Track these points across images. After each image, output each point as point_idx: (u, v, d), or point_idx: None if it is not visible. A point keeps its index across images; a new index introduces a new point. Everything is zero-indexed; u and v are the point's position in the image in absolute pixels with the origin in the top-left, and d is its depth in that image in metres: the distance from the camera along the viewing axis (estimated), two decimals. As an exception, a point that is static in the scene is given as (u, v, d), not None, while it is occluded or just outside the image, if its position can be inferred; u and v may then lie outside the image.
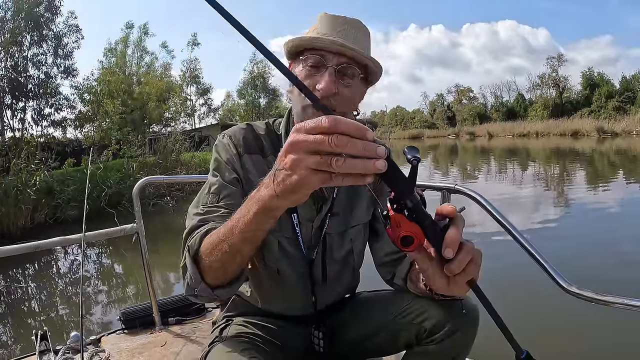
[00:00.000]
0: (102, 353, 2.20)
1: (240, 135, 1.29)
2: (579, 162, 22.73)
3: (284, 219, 1.24)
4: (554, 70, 59.40)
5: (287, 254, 1.27)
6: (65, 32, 21.75)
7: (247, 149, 1.27)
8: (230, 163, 1.24)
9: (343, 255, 1.33)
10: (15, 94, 20.23)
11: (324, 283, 1.31)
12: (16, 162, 11.88)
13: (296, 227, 1.25)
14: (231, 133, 1.31)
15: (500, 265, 5.65)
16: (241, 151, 1.26)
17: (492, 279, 5.37)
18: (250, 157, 1.26)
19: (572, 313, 3.80)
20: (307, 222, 1.27)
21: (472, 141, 52.05)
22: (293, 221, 1.25)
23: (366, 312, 1.37)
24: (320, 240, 1.29)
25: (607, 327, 3.76)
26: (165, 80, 29.16)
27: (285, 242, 1.26)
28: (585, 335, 3.95)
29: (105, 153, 17.29)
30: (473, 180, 17.30)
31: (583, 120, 47.35)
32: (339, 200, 1.31)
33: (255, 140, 1.30)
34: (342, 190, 1.31)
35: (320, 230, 1.29)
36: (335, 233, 1.30)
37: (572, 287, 1.34)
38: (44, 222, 11.74)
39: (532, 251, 1.46)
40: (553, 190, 13.79)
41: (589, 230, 8.13)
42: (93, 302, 6.02)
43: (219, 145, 1.29)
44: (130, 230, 2.44)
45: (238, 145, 1.27)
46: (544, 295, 3.56)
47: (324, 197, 1.29)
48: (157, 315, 2.51)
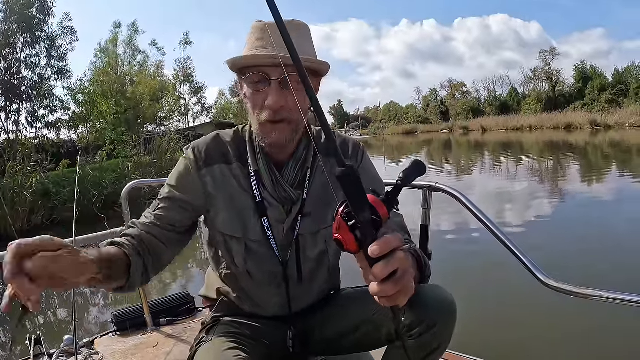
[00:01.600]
0: (96, 355, 2.23)
1: (203, 148, 1.32)
2: (573, 155, 22.80)
3: (252, 223, 1.29)
4: (547, 64, 59.47)
5: (257, 256, 1.30)
6: (59, 33, 21.66)
7: (208, 161, 1.30)
8: (184, 182, 1.29)
9: (317, 255, 1.34)
10: (9, 96, 20.13)
11: (299, 283, 1.33)
12: (12, 165, 11.85)
13: (267, 230, 1.29)
14: (195, 145, 1.34)
15: (480, 261, 5.72)
16: (201, 165, 1.29)
17: (473, 275, 5.46)
18: (211, 170, 1.29)
19: (551, 308, 3.82)
20: (277, 224, 1.30)
21: (465, 136, 52.05)
22: (263, 224, 1.29)
23: (346, 308, 1.38)
24: (293, 241, 1.31)
25: (589, 321, 3.81)
26: (158, 79, 29.03)
27: (255, 245, 1.30)
28: (563, 327, 3.97)
29: (99, 153, 17.27)
30: (467, 174, 17.34)
31: (576, 114, 47.37)
32: (310, 200, 1.32)
33: (219, 150, 1.33)
34: (313, 190, 1.33)
35: (293, 231, 1.31)
36: (307, 233, 1.32)
37: (550, 280, 1.36)
38: (41, 224, 11.73)
39: (510, 246, 1.49)
40: (546, 183, 13.85)
41: (579, 224, 8.18)
42: (85, 305, 6.01)
43: (181, 160, 1.34)
44: (120, 233, 2.44)
45: (199, 159, 1.30)
46: (523, 290, 3.61)
47: (293, 200, 1.30)
48: (148, 316, 2.54)
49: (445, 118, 67.97)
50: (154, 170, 16.98)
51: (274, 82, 1.19)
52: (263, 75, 1.20)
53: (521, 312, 4.33)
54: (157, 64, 30.30)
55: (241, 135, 1.37)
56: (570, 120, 45.53)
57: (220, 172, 1.30)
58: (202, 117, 35.81)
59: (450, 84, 71.21)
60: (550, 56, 60.10)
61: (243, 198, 1.29)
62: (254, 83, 1.22)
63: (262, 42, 1.21)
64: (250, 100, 1.25)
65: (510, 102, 62.20)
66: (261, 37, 1.22)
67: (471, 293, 4.63)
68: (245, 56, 1.22)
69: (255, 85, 1.22)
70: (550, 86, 57.92)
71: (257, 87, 1.22)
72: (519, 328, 4.06)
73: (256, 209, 1.29)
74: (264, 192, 1.29)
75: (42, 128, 21.44)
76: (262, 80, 1.21)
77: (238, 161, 1.31)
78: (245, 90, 1.26)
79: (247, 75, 1.22)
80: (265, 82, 1.20)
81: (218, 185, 1.29)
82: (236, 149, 1.33)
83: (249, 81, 1.22)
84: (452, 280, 4.47)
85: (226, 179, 1.30)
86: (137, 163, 16.91)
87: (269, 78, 1.19)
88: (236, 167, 1.31)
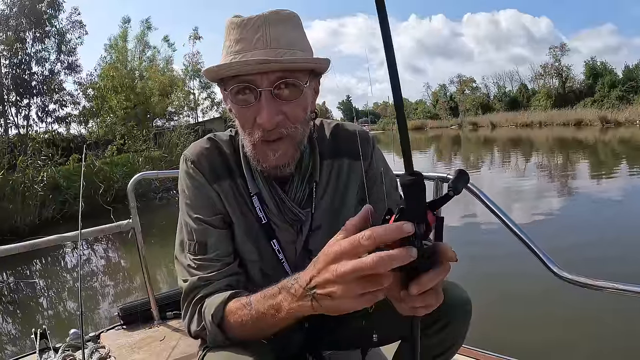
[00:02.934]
0: (102, 349, 2.23)
1: (204, 161, 1.15)
2: (583, 151, 22.62)
3: (263, 246, 1.16)
4: (557, 60, 58.78)
5: (271, 280, 1.17)
6: (68, 28, 21.83)
7: (215, 176, 1.14)
8: (204, 199, 1.13)
9: None
10: (20, 91, 20.31)
11: None
12: (22, 159, 11.92)
13: (278, 253, 1.16)
14: (194, 158, 1.15)
15: (493, 252, 5.70)
16: (211, 180, 1.14)
17: (485, 266, 5.44)
18: (219, 186, 1.14)
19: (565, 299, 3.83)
20: (289, 245, 1.18)
21: (475, 131, 51.72)
22: (273, 247, 1.16)
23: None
24: (307, 259, 1.15)
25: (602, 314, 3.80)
26: (168, 74, 29.13)
27: (269, 269, 1.17)
28: (577, 320, 3.98)
29: (109, 148, 17.36)
30: (475, 170, 17.25)
31: (586, 110, 46.80)
32: (319, 212, 1.20)
33: (222, 162, 1.16)
34: (322, 202, 1.21)
35: (306, 249, 1.18)
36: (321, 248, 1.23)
37: (564, 272, 1.34)
38: (52, 218, 11.84)
39: (523, 237, 1.47)
40: (555, 180, 13.73)
41: (590, 219, 8.12)
42: (91, 299, 6.03)
43: (186, 177, 1.15)
44: (126, 226, 2.44)
45: (204, 174, 1.14)
46: (536, 282, 3.58)
47: (302, 220, 1.17)
48: (155, 309, 2.54)
49: (454, 114, 67.56)
50: (165, 164, 17.12)
51: (264, 92, 0.99)
52: (249, 86, 1.00)
53: (534, 305, 4.33)
54: (166, 59, 30.45)
55: (237, 145, 1.19)
56: (580, 117, 45.02)
57: (230, 189, 1.15)
58: (212, 112, 35.84)
59: (460, 80, 70.64)
60: (561, 52, 59.45)
61: (251, 219, 1.15)
62: (240, 96, 1.02)
63: (244, 44, 1.00)
64: (237, 117, 1.06)
65: (519, 98, 61.63)
66: (242, 37, 1.01)
67: (480, 285, 4.62)
68: (223, 64, 1.00)
69: (242, 98, 1.02)
70: (560, 82, 57.31)
71: (244, 101, 1.02)
72: (532, 321, 4.04)
73: (264, 232, 1.15)
74: (269, 213, 1.15)
75: (52, 122, 21.65)
76: (249, 92, 1.01)
77: (241, 177, 1.16)
78: (230, 105, 1.07)
79: (230, 87, 1.02)
80: (253, 94, 1.00)
81: (230, 202, 1.14)
82: (235, 161, 1.17)
83: (232, 96, 1.03)
84: (464, 273, 4.49)
85: (235, 197, 1.15)
86: (147, 157, 16.94)
87: (257, 88, 0.99)
88: (240, 184, 1.16)
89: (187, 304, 1.09)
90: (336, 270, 0.68)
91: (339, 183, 1.23)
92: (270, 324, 0.90)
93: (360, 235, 0.66)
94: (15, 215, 10.84)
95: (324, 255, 0.73)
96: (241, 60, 0.97)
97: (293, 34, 1.04)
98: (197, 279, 1.07)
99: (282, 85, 1.00)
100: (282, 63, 0.98)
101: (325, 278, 0.71)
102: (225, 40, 1.04)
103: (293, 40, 1.04)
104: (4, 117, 20.29)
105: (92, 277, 7.39)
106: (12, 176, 11.35)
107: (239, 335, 0.99)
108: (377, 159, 1.29)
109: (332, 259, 0.70)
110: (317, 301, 0.75)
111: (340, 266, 0.68)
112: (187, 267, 1.10)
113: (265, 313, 0.89)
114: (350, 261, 0.67)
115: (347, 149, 1.24)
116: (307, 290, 0.76)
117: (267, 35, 1.00)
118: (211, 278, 1.07)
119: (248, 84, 0.99)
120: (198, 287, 1.07)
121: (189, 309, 1.08)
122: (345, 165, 1.24)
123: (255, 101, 1.00)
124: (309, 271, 0.77)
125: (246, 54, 0.99)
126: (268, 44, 0.99)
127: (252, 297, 0.94)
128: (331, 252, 0.71)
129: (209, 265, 1.09)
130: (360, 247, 0.66)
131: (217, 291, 1.05)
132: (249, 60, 0.96)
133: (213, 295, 1.05)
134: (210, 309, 1.01)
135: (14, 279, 7.28)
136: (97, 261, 8.67)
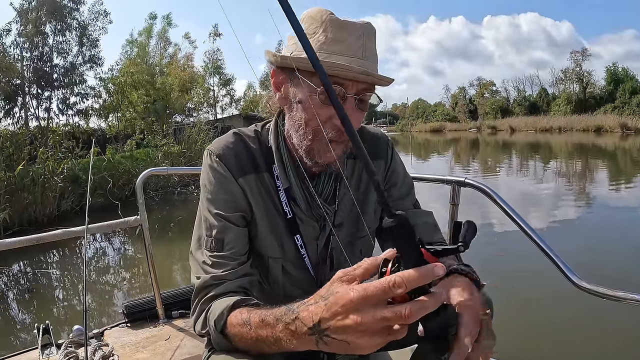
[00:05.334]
0: (106, 347, 2.19)
1: (230, 155, 1.14)
2: (602, 158, 22.32)
3: (287, 242, 1.16)
4: (578, 65, 58.16)
5: (292, 277, 1.18)
6: (89, 21, 22.13)
7: (241, 171, 1.13)
8: (227, 193, 1.12)
9: None
10: (41, 84, 20.61)
11: None
12: (43, 151, 12.06)
13: (301, 248, 1.16)
14: (220, 152, 1.14)
15: (509, 258, 5.60)
16: (236, 174, 1.13)
17: (501, 271, 5.38)
18: (244, 181, 1.13)
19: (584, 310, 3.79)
20: (312, 240, 1.18)
21: (493, 135, 51.48)
22: (297, 242, 1.16)
23: None
24: (327, 256, 1.20)
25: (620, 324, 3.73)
26: (188, 71, 29.38)
27: (290, 265, 1.17)
28: (594, 329, 3.91)
29: (128, 142, 17.51)
30: (494, 174, 17.10)
31: (606, 116, 46.37)
32: (340, 210, 1.20)
33: (247, 157, 1.16)
34: (344, 200, 1.21)
35: (327, 247, 1.19)
36: (342, 247, 1.19)
37: (583, 282, 1.32)
38: (70, 210, 11.91)
39: (542, 246, 1.44)
40: (575, 186, 13.59)
41: (609, 228, 7.96)
42: (95, 295, 6.00)
43: (209, 171, 1.14)
44: (134, 222, 2.41)
45: (230, 168, 1.12)
46: (554, 290, 3.50)
47: (327, 216, 1.17)
48: (160, 308, 2.51)
49: (473, 117, 67.24)
50: (184, 160, 17.13)
51: (351, 98, 1.03)
52: (341, 89, 1.02)
53: (553, 315, 4.24)
54: (187, 55, 30.71)
55: (263, 140, 1.21)
56: (600, 123, 44.64)
57: (255, 183, 1.14)
58: (231, 109, 36.05)
59: (480, 83, 70.28)
60: (582, 57, 58.81)
61: (275, 214, 1.15)
62: (324, 96, 1.02)
63: (343, 47, 1.02)
64: (306, 110, 1.06)
65: (539, 103, 61.15)
66: (343, 40, 1.03)
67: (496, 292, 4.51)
68: (334, 63, 1.00)
69: (325, 97, 1.02)
70: (580, 87, 56.69)
71: (326, 100, 1.02)
72: (550, 331, 3.97)
73: (288, 227, 1.16)
74: (295, 208, 1.15)
75: (73, 115, 21.93)
76: (338, 94, 1.01)
77: (267, 171, 1.16)
78: (301, 96, 1.06)
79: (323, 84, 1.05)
80: (339, 95, 1.02)
81: (255, 197, 1.13)
82: (262, 156, 1.17)
83: (321, 91, 1.02)
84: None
85: (260, 191, 1.15)
86: (166, 152, 17.05)
87: (346, 93, 1.03)
88: (266, 178, 1.15)
89: (196, 302, 1.08)
90: (361, 319, 0.65)
91: (361, 182, 1.26)
92: (271, 349, 0.87)
93: (391, 282, 0.63)
94: (34, 206, 10.95)
95: (337, 298, 0.68)
96: (346, 65, 1.00)
97: (376, 49, 1.10)
98: (210, 277, 1.06)
99: (364, 96, 1.06)
100: (377, 79, 1.04)
101: (344, 325, 0.67)
102: (317, 33, 1.04)
103: (376, 54, 1.09)
104: (25, 109, 20.61)
105: (103, 271, 7.44)
106: (32, 167, 11.48)
107: (241, 346, 0.96)
108: (396, 162, 1.32)
109: (353, 305, 0.66)
110: (325, 343, 0.71)
111: (366, 315, 0.64)
112: (202, 264, 1.09)
113: (263, 340, 0.86)
114: (379, 311, 0.64)
115: (368, 151, 1.22)
116: (314, 331, 0.72)
117: (365, 46, 1.05)
118: (224, 277, 1.06)
119: (341, 87, 1.02)
120: (210, 285, 1.06)
121: (197, 308, 1.07)
122: None
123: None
124: (314, 309, 0.73)
125: (347, 59, 1.01)
126: (365, 55, 1.05)
127: (252, 316, 0.90)
128: (350, 297, 0.66)
129: (223, 263, 1.07)
130: (389, 295, 0.63)
131: (228, 292, 1.04)
132: (354, 68, 1.00)
133: (222, 297, 1.03)
134: (214, 315, 0.99)
135: (30, 269, 7.35)
136: (111, 253, 8.72)
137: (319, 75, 0.94)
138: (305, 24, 1.06)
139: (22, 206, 10.57)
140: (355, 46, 1.03)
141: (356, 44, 1.03)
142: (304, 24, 1.06)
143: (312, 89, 1.03)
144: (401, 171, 1.32)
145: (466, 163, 22.63)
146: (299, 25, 0.67)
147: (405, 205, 1.29)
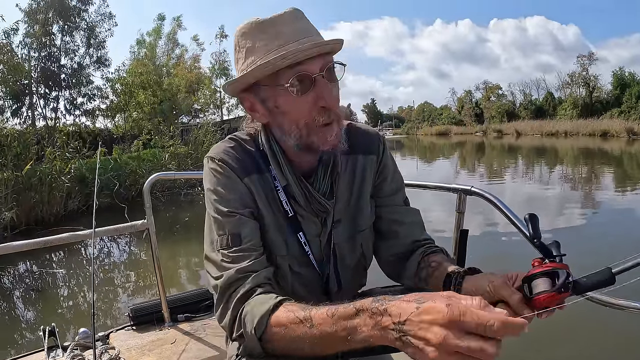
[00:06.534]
0: (112, 350, 2.19)
1: (232, 158, 1.14)
2: (609, 163, 22.20)
3: (291, 240, 1.16)
4: (584, 69, 57.86)
5: (299, 274, 1.19)
6: (97, 21, 22.21)
7: (245, 171, 1.14)
8: (236, 193, 1.11)
9: (355, 262, 1.26)
10: (49, 84, 20.70)
11: (339, 292, 1.23)
12: (51, 151, 12.12)
13: (305, 246, 1.17)
14: (221, 156, 1.14)
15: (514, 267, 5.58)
16: (240, 174, 1.13)
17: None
18: (250, 180, 1.14)
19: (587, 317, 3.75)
20: (314, 238, 1.19)
21: (499, 139, 51.25)
22: (300, 240, 1.17)
23: None
24: (330, 252, 1.21)
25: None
26: (195, 72, 29.46)
27: (295, 262, 1.18)
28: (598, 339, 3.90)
29: (135, 143, 17.55)
30: (499, 179, 17.05)
31: (613, 121, 46.04)
32: (338, 205, 1.22)
33: (248, 158, 1.16)
34: (343, 195, 1.23)
35: (329, 242, 1.21)
36: (343, 242, 1.23)
37: None
38: (77, 210, 11.97)
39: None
40: (580, 191, 13.54)
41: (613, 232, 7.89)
42: (100, 297, 5.98)
43: (214, 174, 1.13)
44: (140, 226, 2.40)
45: (234, 170, 1.12)
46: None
47: (328, 211, 1.19)
48: (166, 312, 2.51)
49: (479, 120, 67.03)
50: (191, 161, 17.06)
51: (318, 77, 1.02)
52: (306, 74, 1.02)
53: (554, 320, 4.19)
54: (194, 57, 30.81)
55: (257, 143, 1.20)
56: (606, 128, 44.30)
57: (259, 182, 1.15)
58: (237, 110, 36.08)
59: (486, 86, 70.06)
60: (589, 61, 58.52)
61: (278, 213, 1.16)
62: (298, 85, 1.03)
63: (283, 38, 1.02)
64: (290, 111, 1.06)
65: (545, 107, 60.85)
66: (278, 32, 1.03)
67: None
68: (289, 52, 0.99)
69: (298, 87, 1.03)
70: (587, 92, 56.40)
71: (300, 90, 1.03)
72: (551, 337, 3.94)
73: (291, 225, 1.16)
74: (295, 205, 1.16)
75: (80, 115, 22.01)
76: (305, 79, 1.02)
77: (267, 172, 1.16)
78: (278, 102, 1.07)
79: (289, 80, 1.02)
80: (306, 81, 1.03)
81: (260, 196, 1.14)
82: (260, 157, 1.17)
83: (293, 84, 1.02)
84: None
85: (264, 191, 1.15)
86: (173, 153, 17.06)
87: (313, 75, 1.02)
88: (268, 177, 1.16)
89: (225, 302, 1.02)
90: (445, 338, 0.64)
91: (356, 177, 1.27)
92: (336, 346, 0.84)
93: (490, 323, 0.62)
94: (41, 206, 11.00)
95: (431, 308, 0.67)
96: (293, 48, 0.99)
97: (312, 25, 1.09)
98: (234, 271, 1.02)
99: (330, 68, 1.06)
100: (329, 45, 1.03)
101: (425, 336, 0.66)
102: (252, 44, 1.06)
103: (315, 29, 1.09)
104: (32, 109, 20.71)
105: (108, 272, 7.43)
106: (39, 167, 11.54)
107: (283, 348, 0.93)
108: (387, 157, 1.33)
109: (443, 322, 0.65)
110: (403, 343, 0.70)
111: (452, 339, 0.63)
112: (221, 263, 1.05)
113: (334, 334, 0.82)
114: (467, 340, 0.63)
115: (360, 146, 1.28)
116: (398, 327, 0.71)
117: (300, 27, 1.05)
118: (249, 269, 1.03)
119: (305, 72, 1.02)
120: (237, 280, 1.02)
121: (228, 310, 1.01)
122: (360, 160, 1.28)
123: (312, 87, 1.03)
124: (406, 307, 0.71)
125: (291, 45, 1.01)
126: (304, 33, 1.04)
127: (313, 312, 0.86)
128: (449, 313, 0.65)
129: (245, 255, 1.05)
130: (482, 331, 0.62)
131: (258, 286, 1.01)
132: (305, 46, 0.99)
133: (254, 293, 1.00)
134: (253, 318, 0.94)
135: (37, 269, 7.37)
136: (118, 255, 8.73)
137: (281, 70, 1.02)
138: (241, 42, 1.08)
139: (29, 205, 10.63)
140: (292, 31, 1.03)
141: (291, 29, 1.03)
142: (241, 42, 1.08)
143: (282, 86, 1.04)
144: (392, 167, 1.32)
145: (472, 167, 22.55)
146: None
147: (397, 201, 1.31)
